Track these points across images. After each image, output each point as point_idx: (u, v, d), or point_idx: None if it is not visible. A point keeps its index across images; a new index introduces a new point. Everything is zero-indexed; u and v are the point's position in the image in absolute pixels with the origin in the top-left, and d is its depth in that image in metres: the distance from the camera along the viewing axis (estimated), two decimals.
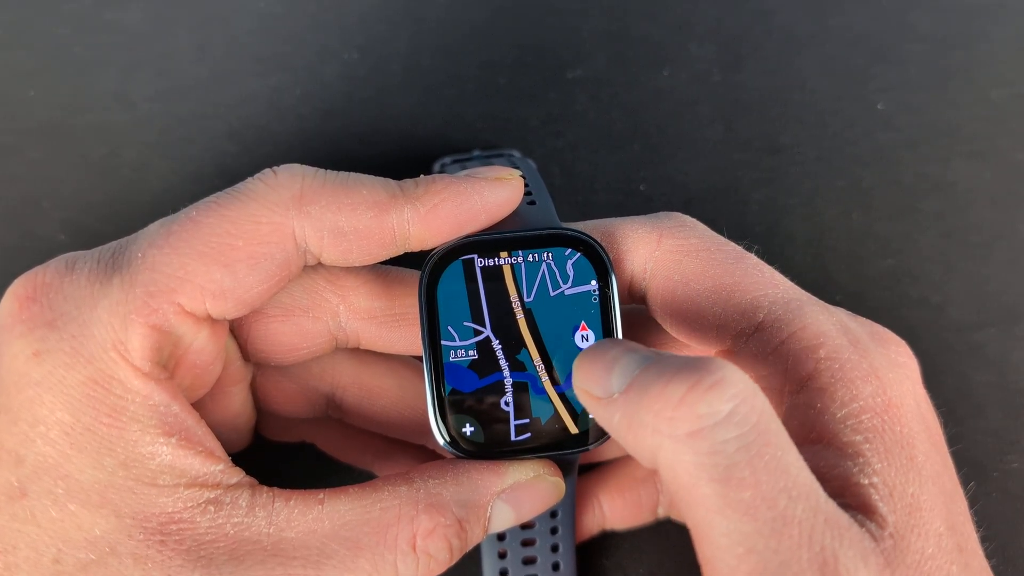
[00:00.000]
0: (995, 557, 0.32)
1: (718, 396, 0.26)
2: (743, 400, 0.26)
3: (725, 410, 0.26)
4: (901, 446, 0.29)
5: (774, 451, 0.26)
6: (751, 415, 0.26)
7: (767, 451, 0.26)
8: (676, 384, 0.26)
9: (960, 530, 0.29)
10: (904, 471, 0.28)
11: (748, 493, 0.25)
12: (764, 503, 0.25)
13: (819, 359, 0.30)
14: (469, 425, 0.33)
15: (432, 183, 0.32)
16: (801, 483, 0.26)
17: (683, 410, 0.26)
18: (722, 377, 0.26)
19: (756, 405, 0.26)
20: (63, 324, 0.31)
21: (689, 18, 0.48)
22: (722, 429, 0.25)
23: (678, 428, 0.26)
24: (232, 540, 0.31)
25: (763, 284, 0.32)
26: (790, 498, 0.26)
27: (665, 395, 0.26)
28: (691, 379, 0.26)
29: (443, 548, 0.31)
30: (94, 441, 0.30)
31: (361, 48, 0.47)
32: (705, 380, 0.26)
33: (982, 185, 0.46)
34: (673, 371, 0.26)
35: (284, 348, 0.35)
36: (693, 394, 0.26)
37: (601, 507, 0.39)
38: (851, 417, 0.29)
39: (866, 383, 0.30)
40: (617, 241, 0.33)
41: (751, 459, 0.25)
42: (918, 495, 0.28)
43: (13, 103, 0.46)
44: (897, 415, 0.29)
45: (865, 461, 0.28)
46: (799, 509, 0.26)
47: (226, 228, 0.31)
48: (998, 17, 0.48)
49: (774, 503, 0.25)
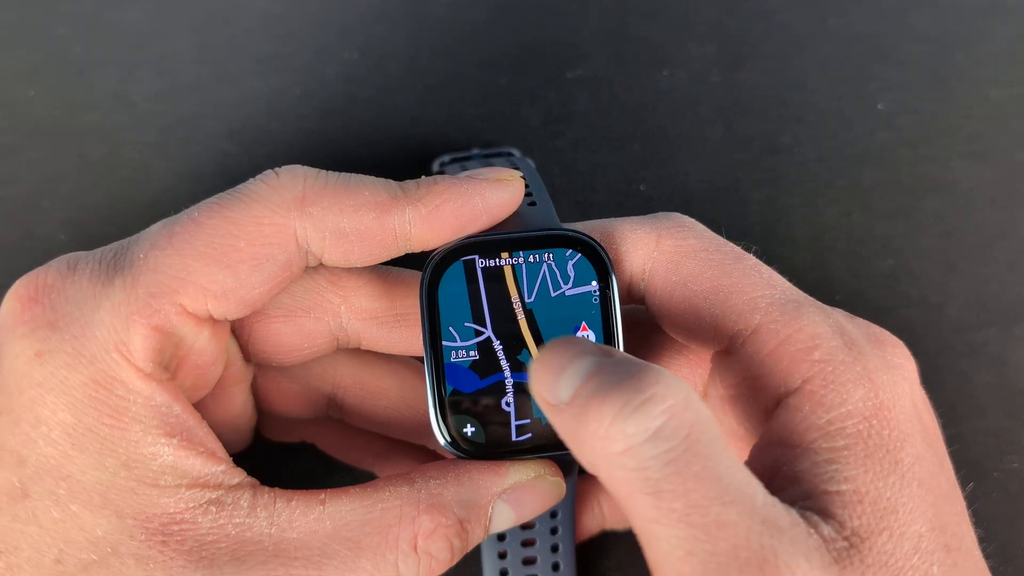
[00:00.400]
0: (995, 557, 0.32)
1: (646, 415, 0.26)
2: (672, 416, 0.26)
3: (652, 428, 0.26)
4: (885, 450, 0.29)
5: (704, 461, 0.26)
6: (680, 429, 0.26)
7: (696, 462, 0.26)
8: (608, 405, 0.27)
9: (952, 530, 0.29)
10: (883, 475, 0.29)
11: (678, 504, 0.26)
12: (696, 511, 0.26)
13: (813, 361, 0.30)
14: (470, 425, 0.33)
15: (433, 184, 0.32)
16: (734, 489, 0.27)
17: (613, 430, 0.26)
18: (652, 395, 0.26)
19: (686, 419, 0.27)
20: (65, 325, 0.31)
21: (689, 18, 0.48)
22: (649, 446, 0.26)
23: (609, 447, 0.27)
24: (234, 541, 0.31)
25: (760, 285, 0.32)
26: (723, 504, 0.26)
27: (599, 416, 0.27)
28: (622, 399, 0.27)
29: (444, 548, 0.31)
30: (96, 442, 0.30)
31: (361, 48, 0.47)
32: (634, 400, 0.26)
33: (982, 185, 0.46)
34: (608, 389, 0.27)
35: (285, 348, 0.35)
36: (621, 415, 0.26)
37: (601, 507, 0.39)
38: (836, 422, 0.29)
39: (858, 386, 0.30)
40: (616, 242, 0.33)
41: (678, 471, 0.26)
42: (895, 498, 0.28)
43: (13, 103, 0.46)
44: (887, 418, 0.29)
45: (838, 469, 0.29)
46: (733, 513, 0.26)
47: (228, 229, 0.31)
48: (998, 17, 0.48)
49: (706, 510, 0.26)
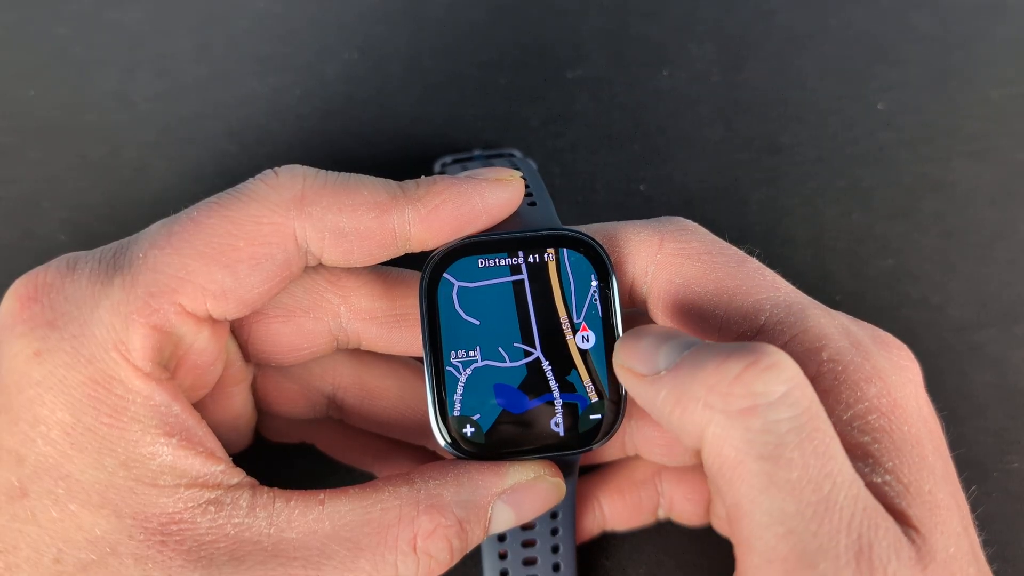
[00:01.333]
0: (995, 557, 0.32)
1: (775, 377, 0.26)
2: (796, 384, 0.26)
3: (780, 391, 0.26)
4: (911, 444, 0.29)
5: (823, 437, 0.26)
6: (803, 400, 0.26)
7: (816, 436, 0.26)
8: (733, 361, 0.27)
9: (969, 532, 0.30)
10: (918, 468, 0.29)
11: (795, 474, 0.26)
12: (810, 485, 0.26)
13: (822, 361, 0.30)
14: (469, 426, 0.33)
15: (433, 184, 0.32)
16: (846, 471, 0.27)
17: (739, 387, 0.26)
18: (778, 360, 0.27)
19: (807, 392, 0.27)
20: (64, 324, 0.31)
21: (689, 18, 0.48)
22: (776, 409, 0.26)
23: (732, 404, 0.26)
24: (233, 540, 0.31)
25: (765, 287, 0.32)
26: (834, 484, 0.26)
27: (722, 371, 0.27)
28: (748, 358, 0.26)
29: (444, 549, 0.31)
30: (95, 441, 0.30)
31: (361, 48, 0.47)
32: (762, 361, 0.26)
33: (982, 185, 0.46)
34: (729, 350, 0.27)
35: (285, 349, 0.35)
36: (750, 372, 0.26)
37: (602, 508, 0.39)
38: (857, 418, 0.29)
39: (870, 384, 0.30)
40: (618, 244, 0.33)
41: (801, 441, 0.26)
42: (935, 492, 0.28)
43: (13, 103, 0.46)
44: (903, 416, 0.29)
45: (875, 461, 0.29)
46: (842, 495, 0.26)
47: (227, 228, 0.31)
48: (998, 17, 0.48)
49: (819, 487, 0.26)
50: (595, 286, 0.33)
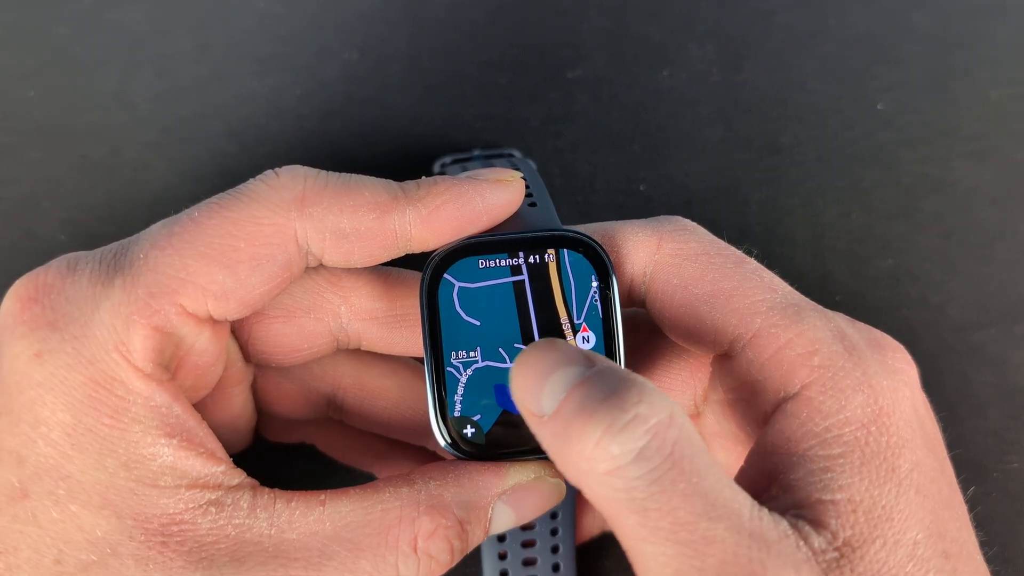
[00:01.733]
0: (994, 557, 0.32)
1: (629, 435, 0.26)
2: (655, 434, 0.26)
3: (637, 447, 0.26)
4: (882, 457, 0.29)
5: (689, 478, 0.26)
6: (663, 448, 0.26)
7: (681, 479, 0.26)
8: (592, 427, 0.27)
9: (952, 536, 0.29)
10: (879, 483, 0.29)
11: (665, 522, 0.26)
12: (683, 528, 0.26)
13: (813, 367, 0.30)
14: (470, 427, 0.33)
15: (434, 185, 0.32)
16: (721, 504, 0.27)
17: (599, 451, 0.26)
18: (635, 415, 0.27)
19: (670, 436, 0.27)
20: (65, 325, 0.31)
21: (689, 18, 0.48)
22: (634, 466, 0.26)
23: (595, 467, 0.27)
24: (233, 541, 0.30)
25: (761, 289, 0.32)
26: (709, 520, 0.26)
27: (584, 438, 0.27)
28: (606, 420, 0.27)
29: (444, 549, 0.31)
30: (95, 442, 0.30)
31: (361, 48, 0.47)
32: (619, 420, 0.26)
33: (982, 185, 0.47)
34: (593, 406, 0.27)
35: (285, 349, 0.35)
36: (607, 436, 0.26)
37: None
38: (833, 429, 0.29)
39: (857, 392, 0.30)
40: (617, 244, 0.33)
41: (664, 490, 0.26)
42: (891, 506, 0.28)
43: (13, 103, 0.46)
44: (886, 424, 0.29)
45: (833, 477, 0.29)
46: (720, 529, 0.26)
47: (228, 229, 0.31)
48: (998, 17, 0.48)
49: (693, 528, 0.26)
50: (595, 287, 0.33)
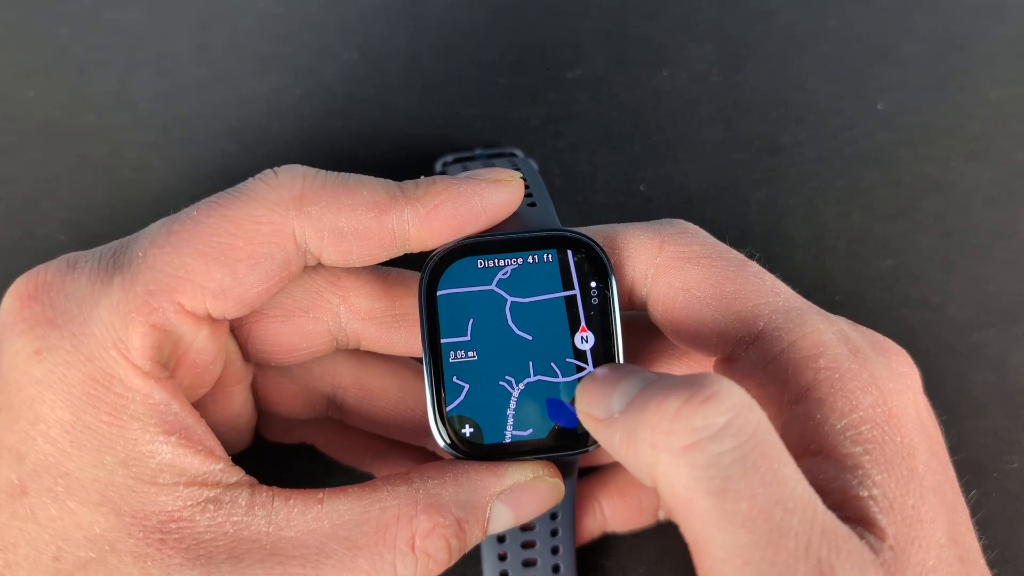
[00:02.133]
0: (995, 557, 0.32)
1: (713, 409, 0.26)
2: (738, 413, 0.26)
3: (720, 422, 0.26)
4: (902, 457, 0.29)
5: (770, 463, 0.26)
6: (746, 427, 0.26)
7: (763, 463, 0.26)
8: (672, 399, 0.26)
9: (961, 541, 0.29)
10: (905, 482, 0.28)
11: (744, 505, 0.25)
12: (760, 515, 0.25)
13: (819, 369, 0.30)
14: (468, 426, 0.33)
15: (432, 184, 0.32)
16: (798, 495, 0.26)
17: (679, 423, 0.26)
18: (717, 391, 0.26)
19: (752, 418, 0.26)
20: (64, 323, 0.31)
21: (689, 18, 0.48)
22: (717, 441, 0.26)
23: (674, 442, 0.26)
24: (231, 539, 0.31)
25: (764, 292, 0.32)
26: (786, 510, 0.26)
27: (662, 409, 0.26)
28: (686, 393, 0.26)
29: (442, 548, 0.31)
30: (94, 439, 0.30)
31: (361, 48, 0.47)
32: (700, 394, 0.26)
33: (982, 185, 0.46)
34: (670, 386, 0.27)
35: (284, 348, 0.35)
36: (688, 407, 0.26)
37: (602, 510, 0.39)
38: (850, 428, 0.29)
39: (866, 393, 0.30)
40: (618, 247, 0.33)
41: (746, 471, 0.26)
42: (919, 506, 0.28)
43: (13, 103, 0.47)
44: (898, 425, 0.29)
45: (864, 473, 0.28)
46: (795, 521, 0.26)
47: (227, 228, 0.31)
48: (998, 17, 0.48)
49: (770, 515, 0.26)
50: (594, 287, 0.33)
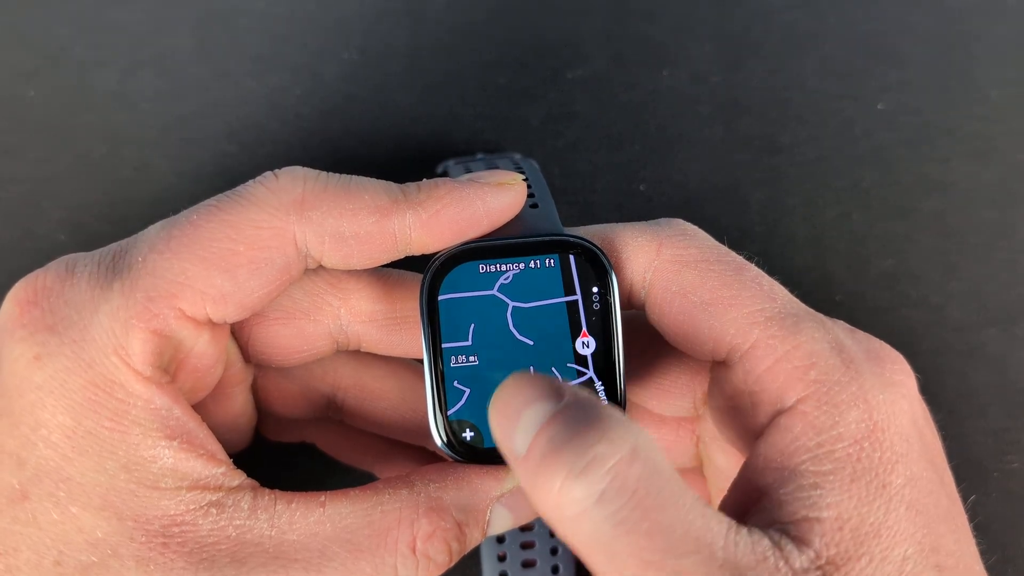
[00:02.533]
0: (995, 557, 0.32)
1: (590, 479, 0.26)
2: (615, 475, 0.26)
3: (597, 491, 0.26)
4: (874, 473, 0.29)
5: (654, 516, 0.26)
6: (625, 488, 0.26)
7: (645, 519, 0.26)
8: (556, 470, 0.26)
9: (948, 550, 0.29)
10: (868, 500, 0.28)
11: (632, 562, 0.26)
12: (651, 567, 0.26)
13: (809, 381, 0.30)
14: (469, 430, 0.33)
15: (435, 188, 0.32)
16: (691, 538, 0.26)
17: (563, 496, 0.26)
18: (594, 456, 0.26)
19: (631, 475, 0.26)
20: (64, 328, 0.31)
21: (689, 18, 0.48)
22: (596, 509, 0.26)
23: (565, 512, 0.26)
24: (234, 542, 0.31)
25: (760, 298, 0.32)
26: (677, 556, 0.26)
27: (550, 482, 0.26)
28: (567, 464, 0.26)
29: (442, 551, 0.32)
30: (96, 444, 0.30)
31: (361, 48, 0.47)
32: (578, 464, 0.26)
33: (982, 185, 0.46)
34: (557, 448, 0.27)
35: (285, 351, 0.35)
36: (568, 483, 0.26)
37: None
38: (825, 445, 0.29)
39: (852, 408, 0.29)
40: (617, 248, 0.33)
41: (628, 531, 0.26)
42: (879, 522, 0.28)
43: (13, 103, 0.46)
44: (879, 440, 0.29)
45: (821, 494, 0.28)
46: (689, 564, 0.26)
47: (227, 233, 0.31)
48: (998, 17, 0.48)
49: (661, 566, 0.26)
50: (596, 292, 0.33)
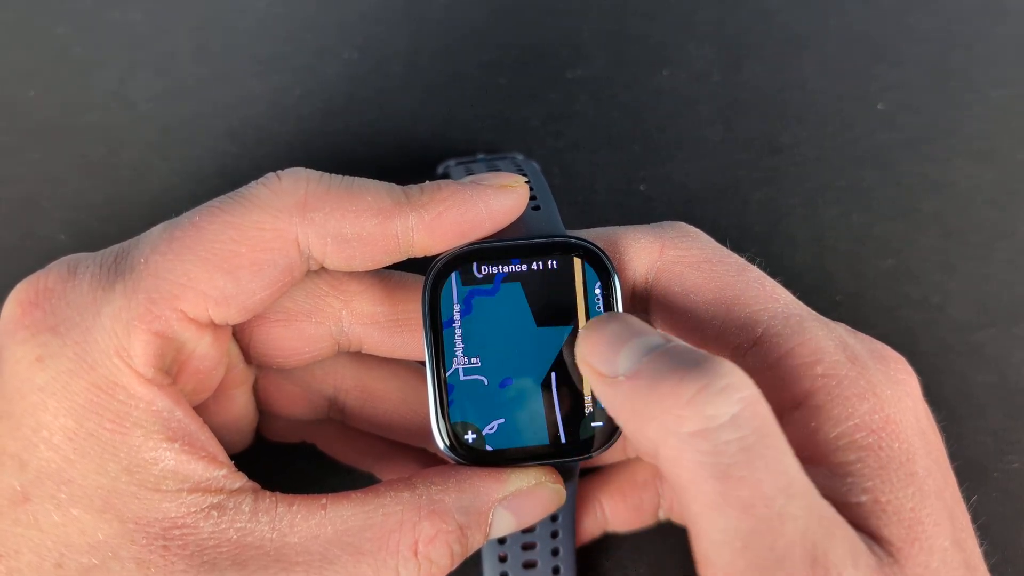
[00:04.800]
0: (995, 557, 0.32)
1: (725, 399, 0.27)
2: (747, 405, 0.27)
3: (730, 413, 0.26)
4: (899, 462, 0.29)
5: (774, 453, 0.27)
6: (754, 419, 0.27)
7: (767, 453, 0.27)
8: (688, 383, 0.27)
9: (964, 546, 0.30)
10: (902, 487, 0.29)
11: (746, 491, 0.26)
12: (761, 501, 0.26)
13: (816, 376, 0.30)
14: (471, 432, 0.33)
15: (437, 190, 0.32)
16: (798, 484, 0.27)
17: (691, 410, 0.27)
18: (730, 382, 0.27)
19: (759, 411, 0.27)
20: (66, 330, 0.31)
21: (689, 18, 0.48)
22: (726, 430, 0.26)
23: (684, 426, 0.27)
24: (235, 545, 0.31)
25: (763, 298, 0.32)
26: (787, 496, 0.26)
27: (676, 393, 0.27)
28: (702, 380, 0.27)
29: (444, 554, 0.32)
30: (97, 446, 0.30)
31: (361, 48, 0.47)
32: (715, 384, 0.27)
33: (982, 185, 0.46)
34: (685, 368, 0.27)
35: (286, 352, 0.35)
36: (702, 396, 0.27)
37: (603, 510, 0.39)
38: (845, 436, 0.29)
39: (863, 401, 0.30)
40: (619, 251, 0.33)
41: (751, 460, 0.26)
42: (918, 510, 0.29)
43: (13, 103, 0.46)
44: (895, 432, 0.29)
45: (855, 481, 0.29)
46: (796, 507, 0.26)
47: (229, 234, 0.31)
48: (998, 17, 0.48)
49: (771, 502, 0.26)
50: (598, 294, 0.33)
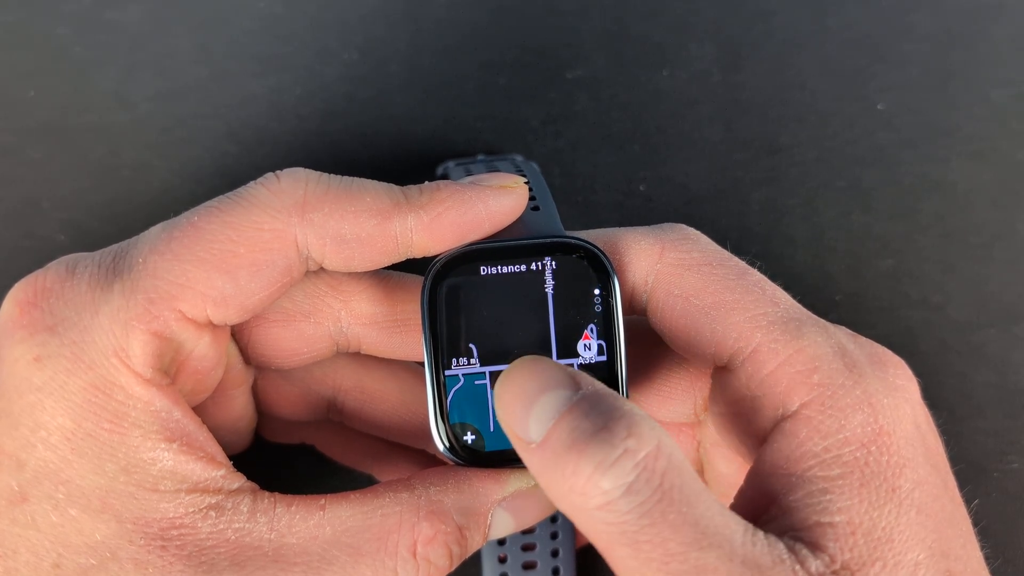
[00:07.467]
0: (994, 557, 0.32)
1: (619, 471, 0.27)
2: (644, 467, 0.27)
3: (625, 483, 0.27)
4: (882, 478, 0.29)
5: (679, 509, 0.27)
6: (653, 480, 0.27)
7: (671, 511, 0.27)
8: (585, 460, 0.27)
9: (955, 555, 0.29)
10: (879, 504, 0.29)
11: (656, 553, 0.27)
12: (674, 559, 0.26)
13: (812, 385, 0.30)
14: (470, 433, 0.33)
15: (436, 191, 0.32)
16: (712, 532, 0.27)
17: (591, 486, 0.27)
18: (624, 449, 0.27)
19: (658, 468, 0.27)
20: (64, 330, 0.31)
21: (689, 18, 0.48)
22: (623, 501, 0.27)
23: (588, 503, 0.27)
24: (233, 546, 0.31)
25: (763, 303, 0.32)
26: (700, 549, 0.26)
27: (577, 472, 0.27)
28: (597, 456, 0.27)
29: (443, 555, 0.32)
30: (95, 446, 0.30)
31: (361, 48, 0.47)
32: (610, 456, 0.27)
33: (982, 185, 0.46)
34: (583, 443, 0.27)
35: (285, 353, 0.35)
36: (598, 472, 0.27)
37: None
38: (832, 450, 0.29)
39: (857, 411, 0.30)
40: (619, 252, 0.33)
41: (653, 523, 0.27)
42: (891, 527, 0.28)
43: (13, 103, 0.46)
44: (886, 444, 0.29)
45: (832, 499, 0.29)
46: (711, 557, 0.26)
47: (228, 235, 0.31)
48: (998, 17, 0.48)
49: (684, 558, 0.26)
50: (597, 295, 0.33)
